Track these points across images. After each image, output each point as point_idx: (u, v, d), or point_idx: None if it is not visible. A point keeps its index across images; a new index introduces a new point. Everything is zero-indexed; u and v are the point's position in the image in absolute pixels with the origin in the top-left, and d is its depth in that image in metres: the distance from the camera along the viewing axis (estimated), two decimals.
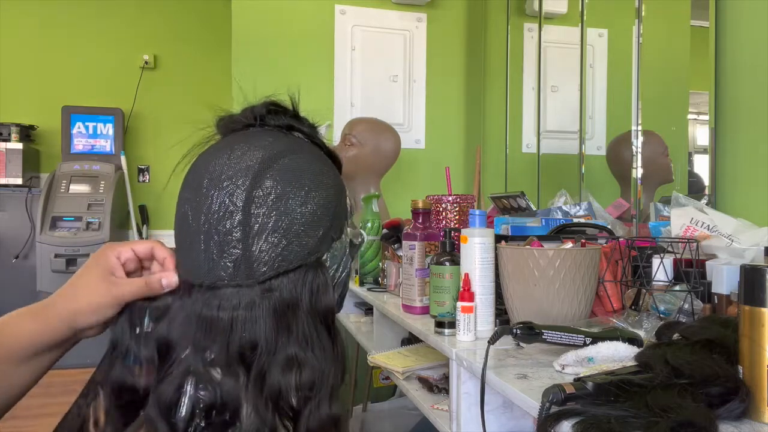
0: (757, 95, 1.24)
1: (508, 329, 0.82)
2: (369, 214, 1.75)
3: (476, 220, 1.07)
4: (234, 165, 0.60)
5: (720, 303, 0.94)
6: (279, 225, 0.58)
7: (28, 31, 4.05)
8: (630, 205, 1.59)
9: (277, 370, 0.56)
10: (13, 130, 3.72)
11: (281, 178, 0.59)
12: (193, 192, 0.61)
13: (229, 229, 0.58)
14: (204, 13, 4.29)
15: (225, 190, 0.59)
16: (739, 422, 0.58)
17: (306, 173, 0.61)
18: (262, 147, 0.61)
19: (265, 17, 2.50)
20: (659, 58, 1.59)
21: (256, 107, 0.65)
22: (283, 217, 0.58)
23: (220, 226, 0.58)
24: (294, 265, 0.59)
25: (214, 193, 0.59)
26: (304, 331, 0.58)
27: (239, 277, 0.58)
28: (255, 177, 0.59)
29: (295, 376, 0.56)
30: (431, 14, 2.69)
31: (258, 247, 0.58)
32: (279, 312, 0.57)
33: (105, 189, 3.78)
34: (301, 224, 0.60)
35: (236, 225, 0.58)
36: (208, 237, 0.58)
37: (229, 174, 0.59)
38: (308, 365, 0.57)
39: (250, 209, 0.58)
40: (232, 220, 0.58)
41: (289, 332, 0.57)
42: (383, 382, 2.17)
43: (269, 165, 0.60)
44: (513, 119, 2.37)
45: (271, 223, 0.58)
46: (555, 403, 0.61)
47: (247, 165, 0.59)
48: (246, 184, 0.58)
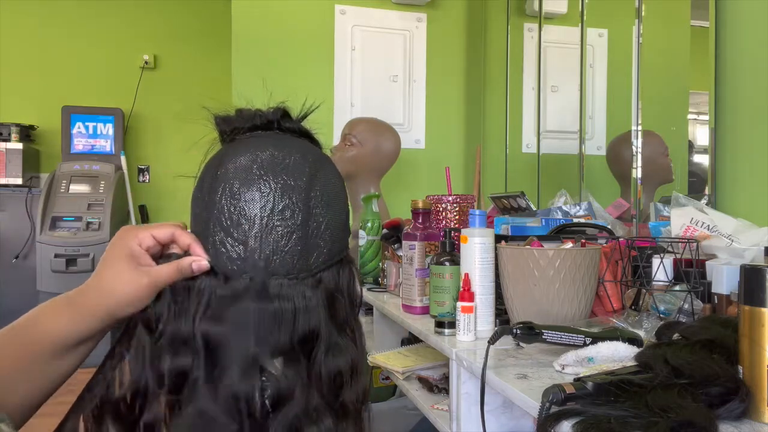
0: (757, 95, 1.24)
1: (508, 329, 0.82)
2: (369, 214, 1.75)
3: (476, 220, 1.07)
4: (285, 166, 0.62)
5: (720, 303, 0.94)
6: (330, 224, 0.64)
7: (28, 30, 4.05)
8: (630, 205, 1.59)
9: (333, 354, 0.61)
10: (13, 130, 3.72)
11: (326, 183, 0.65)
12: (242, 189, 0.61)
13: (291, 227, 0.61)
14: (204, 13, 4.29)
15: (283, 191, 0.61)
16: (739, 422, 0.58)
17: (338, 179, 0.68)
18: (302, 152, 0.65)
19: (265, 17, 2.50)
20: (659, 58, 1.59)
21: (267, 111, 0.67)
22: (332, 218, 0.64)
23: (280, 224, 0.61)
24: (335, 259, 0.65)
25: (269, 192, 0.61)
26: (345, 318, 0.64)
27: (296, 270, 0.61)
28: (310, 179, 0.63)
29: (345, 358, 0.62)
30: (431, 14, 2.69)
31: (315, 243, 0.63)
32: (328, 301, 0.63)
33: (105, 189, 3.78)
34: (342, 223, 0.66)
35: (298, 224, 0.61)
36: (264, 233, 0.60)
37: (284, 175, 0.62)
38: (351, 348, 0.63)
39: (309, 209, 0.62)
40: (293, 219, 0.61)
41: (336, 319, 0.63)
42: (383, 382, 2.17)
43: (317, 169, 0.65)
44: (513, 119, 2.37)
45: (324, 223, 0.63)
46: (555, 403, 0.61)
47: (298, 167, 0.63)
48: (303, 185, 0.62)
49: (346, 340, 0.63)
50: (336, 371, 0.61)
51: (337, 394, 0.62)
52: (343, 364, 0.62)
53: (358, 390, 0.64)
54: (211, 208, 0.61)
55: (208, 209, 0.62)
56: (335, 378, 0.61)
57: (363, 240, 1.74)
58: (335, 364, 0.61)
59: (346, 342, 0.63)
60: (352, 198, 2.07)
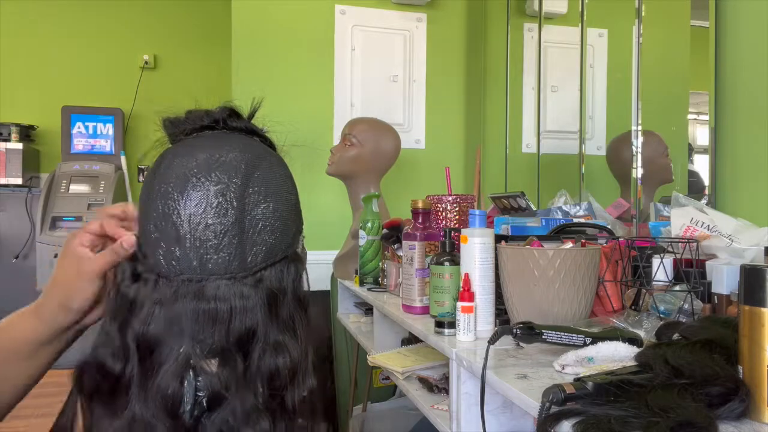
0: (757, 95, 1.24)
1: (508, 329, 0.82)
2: (369, 214, 1.75)
3: (476, 220, 1.07)
4: (220, 165, 0.62)
5: (720, 303, 0.94)
6: (268, 222, 0.63)
7: (28, 30, 4.05)
8: (630, 205, 1.59)
9: (271, 354, 0.60)
10: (13, 130, 3.72)
11: (265, 180, 0.64)
12: (177, 189, 0.61)
13: (225, 225, 0.60)
14: (204, 13, 4.29)
15: (216, 189, 0.61)
16: (739, 422, 0.58)
17: (281, 176, 0.67)
18: (241, 149, 0.64)
19: (265, 17, 2.50)
20: (659, 58, 1.59)
21: (214, 111, 0.68)
22: (271, 215, 0.63)
23: (214, 223, 0.60)
24: (279, 257, 0.64)
25: (202, 192, 0.60)
26: (289, 315, 0.64)
27: (233, 270, 0.61)
28: (245, 177, 0.62)
29: (284, 358, 0.61)
30: (431, 14, 2.69)
31: (252, 241, 0.62)
32: (270, 300, 0.62)
33: (105, 189, 3.78)
34: (284, 221, 0.65)
35: (232, 222, 0.61)
36: (198, 233, 0.60)
37: (218, 173, 0.61)
38: (294, 347, 0.62)
39: (243, 207, 0.61)
40: (227, 217, 0.60)
41: (277, 318, 0.62)
42: (383, 382, 2.17)
43: (255, 166, 0.64)
44: (513, 119, 2.37)
45: (261, 221, 0.62)
46: (555, 403, 0.61)
47: (233, 165, 0.62)
48: (237, 183, 0.62)
49: (287, 340, 0.62)
50: (273, 370, 0.60)
51: (276, 394, 0.61)
52: (281, 364, 0.61)
53: (301, 391, 0.63)
54: (149, 210, 0.62)
55: (146, 211, 0.62)
56: (272, 377, 0.60)
57: (363, 240, 1.74)
58: (273, 364, 0.60)
59: (288, 341, 0.62)
60: (352, 198, 2.07)
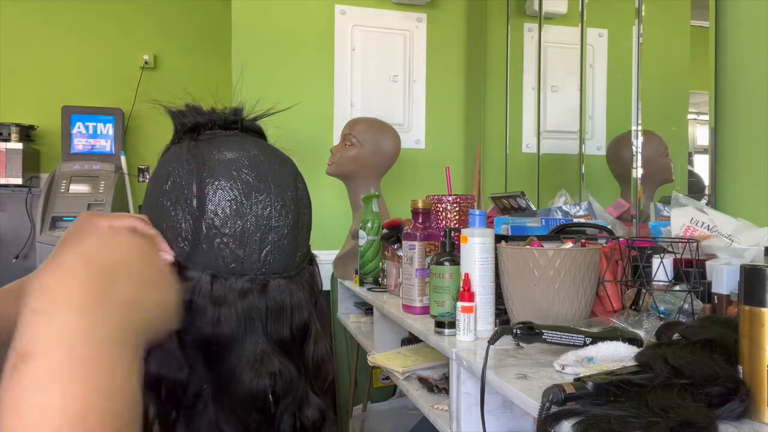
0: (757, 95, 1.24)
1: (508, 329, 0.82)
2: (369, 214, 1.75)
3: (476, 220, 1.07)
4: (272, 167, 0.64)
5: (720, 303, 0.94)
6: (310, 223, 0.69)
7: (28, 31, 4.04)
8: (630, 205, 1.59)
9: (318, 345, 0.65)
10: (13, 130, 3.72)
11: (304, 182, 0.69)
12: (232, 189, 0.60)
13: (286, 225, 0.63)
14: (204, 13, 4.29)
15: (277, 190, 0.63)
16: (739, 422, 0.58)
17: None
18: (277, 152, 0.68)
19: (265, 17, 2.50)
20: (659, 58, 1.59)
21: (238, 108, 0.70)
22: (311, 217, 0.69)
23: (278, 223, 0.62)
24: (309, 255, 0.69)
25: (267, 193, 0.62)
26: (321, 309, 0.69)
27: (289, 268, 0.64)
28: (295, 179, 0.66)
29: (326, 347, 0.67)
30: (431, 14, 2.69)
31: (302, 241, 0.66)
32: (311, 296, 0.67)
33: (105, 189, 3.77)
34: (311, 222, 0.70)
35: (292, 223, 0.64)
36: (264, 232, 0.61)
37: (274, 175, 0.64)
38: (324, 336, 0.67)
39: (298, 208, 0.65)
40: (289, 218, 0.64)
41: (315, 311, 0.67)
42: (383, 382, 2.17)
43: (296, 169, 0.68)
44: (513, 119, 2.37)
45: (307, 222, 0.68)
46: (555, 403, 0.61)
47: (285, 167, 0.66)
48: (292, 185, 0.65)
49: (321, 330, 0.68)
50: (321, 358, 0.66)
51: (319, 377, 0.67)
52: (325, 352, 0.66)
53: (330, 371, 0.69)
54: (202, 209, 0.59)
55: (197, 210, 0.59)
56: (319, 366, 0.66)
57: (363, 240, 1.74)
58: (321, 353, 0.66)
59: (322, 331, 0.68)
60: (352, 198, 2.07)
